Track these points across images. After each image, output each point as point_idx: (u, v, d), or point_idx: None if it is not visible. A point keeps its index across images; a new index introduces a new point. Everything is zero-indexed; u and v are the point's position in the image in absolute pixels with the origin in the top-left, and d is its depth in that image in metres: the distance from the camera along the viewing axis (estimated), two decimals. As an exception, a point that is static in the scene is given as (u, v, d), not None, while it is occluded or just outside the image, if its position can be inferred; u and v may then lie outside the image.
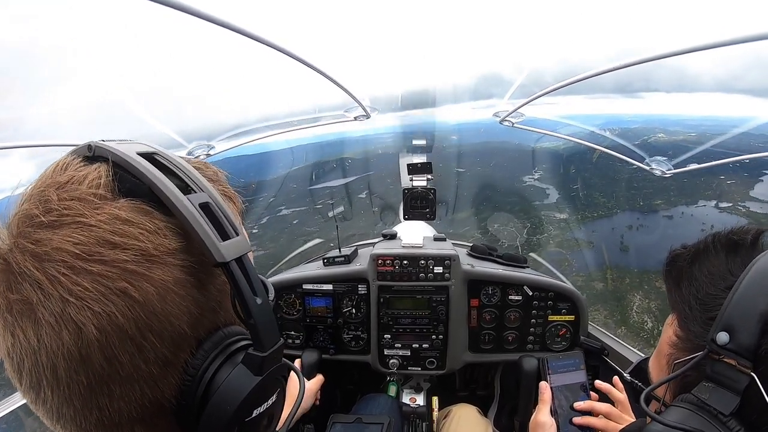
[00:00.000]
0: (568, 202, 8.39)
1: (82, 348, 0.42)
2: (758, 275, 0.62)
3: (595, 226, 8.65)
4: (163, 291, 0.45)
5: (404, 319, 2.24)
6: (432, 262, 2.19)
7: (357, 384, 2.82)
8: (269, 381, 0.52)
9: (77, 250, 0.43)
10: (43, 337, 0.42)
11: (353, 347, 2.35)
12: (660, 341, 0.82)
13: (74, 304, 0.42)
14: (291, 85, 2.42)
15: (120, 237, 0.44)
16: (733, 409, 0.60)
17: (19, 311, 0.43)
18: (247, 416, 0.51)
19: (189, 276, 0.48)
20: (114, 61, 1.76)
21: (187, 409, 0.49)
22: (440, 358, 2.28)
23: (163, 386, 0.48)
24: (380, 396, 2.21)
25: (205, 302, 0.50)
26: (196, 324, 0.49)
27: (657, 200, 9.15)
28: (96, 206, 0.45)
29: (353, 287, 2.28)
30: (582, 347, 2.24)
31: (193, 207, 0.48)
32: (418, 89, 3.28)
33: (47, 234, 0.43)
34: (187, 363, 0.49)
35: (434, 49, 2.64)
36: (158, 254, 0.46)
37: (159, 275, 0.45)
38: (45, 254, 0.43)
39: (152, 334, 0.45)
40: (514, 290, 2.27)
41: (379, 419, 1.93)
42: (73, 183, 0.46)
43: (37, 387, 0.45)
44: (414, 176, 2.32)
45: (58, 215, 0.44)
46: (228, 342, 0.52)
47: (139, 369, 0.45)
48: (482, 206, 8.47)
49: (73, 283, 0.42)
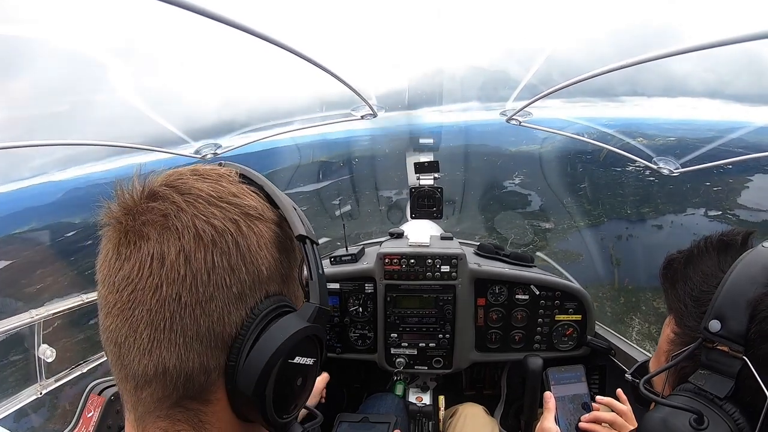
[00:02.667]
0: (551, 209, 7.91)
1: (194, 247, 0.54)
2: (746, 267, 0.66)
3: (585, 235, 7.88)
4: (259, 238, 0.60)
5: (411, 318, 2.24)
6: (439, 261, 2.19)
7: (363, 383, 2.82)
8: (315, 331, 0.62)
9: (213, 192, 0.58)
10: (164, 236, 0.54)
11: (360, 346, 2.35)
12: (659, 341, 0.84)
13: (201, 218, 0.55)
14: (298, 83, 2.42)
15: (243, 194, 0.61)
16: (728, 392, 0.63)
17: (152, 219, 0.55)
18: (289, 358, 0.59)
19: (277, 241, 0.63)
20: (122, 60, 1.77)
21: (240, 342, 0.57)
22: (447, 358, 2.28)
23: (233, 309, 0.57)
24: (387, 395, 2.21)
25: (280, 266, 0.63)
26: (270, 277, 0.61)
27: (645, 208, 8.70)
28: (230, 180, 0.63)
29: (360, 286, 2.28)
30: (589, 347, 2.24)
31: (288, 202, 0.66)
32: (425, 87, 3.28)
33: (192, 181, 0.59)
34: (256, 305, 0.59)
35: (440, 47, 2.64)
36: (264, 216, 0.62)
37: (261, 227, 0.61)
38: (187, 190, 0.57)
39: (243, 262, 0.57)
40: (521, 289, 2.26)
41: (385, 418, 1.93)
42: (214, 168, 0.64)
43: (134, 275, 0.54)
44: (421, 175, 2.32)
45: (203, 176, 0.61)
46: (286, 304, 0.63)
47: (224, 282, 0.56)
48: (488, 206, 8.10)
49: (204, 208, 0.56)
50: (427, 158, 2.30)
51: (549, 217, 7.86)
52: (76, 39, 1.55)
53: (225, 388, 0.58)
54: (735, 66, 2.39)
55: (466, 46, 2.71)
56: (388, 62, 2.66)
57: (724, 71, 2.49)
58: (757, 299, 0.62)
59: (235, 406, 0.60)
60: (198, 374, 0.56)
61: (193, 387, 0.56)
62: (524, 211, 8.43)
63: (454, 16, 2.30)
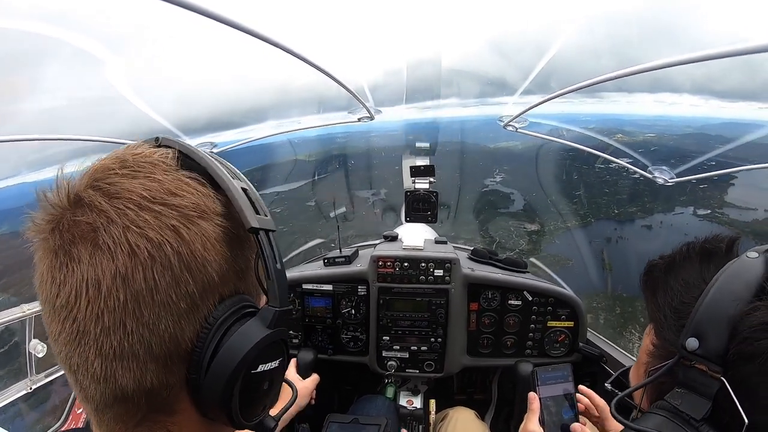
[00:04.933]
0: (532, 211, 7.75)
1: (130, 267, 0.49)
2: (727, 281, 0.63)
3: (573, 237, 7.26)
4: (204, 239, 0.54)
5: (403, 321, 2.24)
6: (432, 264, 2.19)
7: (354, 385, 2.82)
8: (277, 338, 0.59)
9: (145, 193, 0.51)
10: (97, 256, 0.49)
11: (351, 348, 2.34)
12: (639, 350, 0.82)
13: (134, 231, 0.49)
14: (296, 84, 2.42)
15: (180, 191, 0.54)
16: (704, 414, 0.61)
17: (80, 234, 0.50)
18: (253, 368, 0.56)
19: (226, 237, 0.57)
20: (117, 56, 1.76)
21: (200, 356, 0.54)
22: (438, 361, 2.28)
23: (185, 324, 0.53)
24: (377, 397, 2.20)
25: (233, 265, 0.58)
26: (223, 279, 0.56)
27: (632, 207, 8.43)
28: (164, 170, 0.55)
29: (353, 288, 2.28)
30: (581, 353, 2.24)
31: (237, 187, 0.58)
32: (422, 88, 3.28)
33: (121, 180, 0.52)
34: (209, 312, 0.55)
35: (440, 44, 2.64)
36: (207, 211, 0.55)
37: (204, 226, 0.54)
38: (116, 193, 0.51)
39: (189, 272, 0.52)
40: (514, 295, 2.26)
41: (375, 420, 1.93)
42: (146, 154, 0.56)
43: (73, 302, 0.50)
44: (416, 178, 2.32)
45: (132, 170, 0.53)
46: (244, 304, 0.59)
47: (170, 299, 0.51)
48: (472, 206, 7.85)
49: (137, 215, 0.50)
50: (423, 162, 2.30)
51: (534, 218, 7.67)
52: (72, 34, 1.54)
53: (190, 398, 0.57)
54: (726, 62, 2.39)
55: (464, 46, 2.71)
56: (385, 60, 2.66)
57: (715, 68, 2.48)
58: (737, 317, 0.59)
59: (202, 412, 0.58)
60: (159, 391, 0.54)
61: (157, 402, 0.55)
62: (507, 211, 8.19)
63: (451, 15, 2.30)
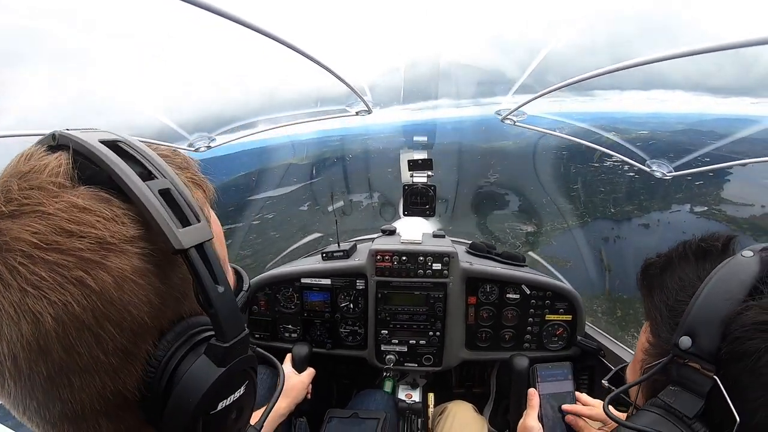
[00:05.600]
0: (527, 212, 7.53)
1: (41, 338, 0.42)
2: (721, 280, 0.63)
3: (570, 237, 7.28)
4: (121, 280, 0.44)
5: (402, 315, 2.24)
6: (431, 258, 2.19)
7: (353, 379, 2.83)
8: (234, 372, 0.51)
9: (35, 239, 0.42)
10: (3, 328, 0.42)
11: (350, 342, 2.35)
12: (636, 348, 0.83)
13: (32, 294, 0.41)
14: (293, 78, 2.41)
15: (76, 225, 0.43)
16: (697, 411, 0.62)
17: None
18: (211, 409, 0.50)
19: (148, 264, 0.47)
20: (115, 52, 1.75)
21: (152, 401, 0.48)
22: (437, 355, 2.28)
23: (125, 377, 0.47)
24: (376, 392, 2.21)
25: (167, 291, 0.49)
26: (157, 314, 0.48)
27: (629, 206, 8.23)
28: (54, 194, 0.44)
29: (351, 282, 2.28)
30: (579, 347, 2.25)
31: (151, 193, 0.47)
32: (421, 84, 3.27)
33: (7, 224, 0.43)
34: (150, 354, 0.48)
35: (437, 43, 2.63)
36: (115, 242, 0.45)
37: (116, 263, 0.44)
38: (4, 244, 0.42)
39: (110, 323, 0.44)
40: (512, 289, 2.26)
41: (375, 414, 1.94)
42: (35, 172, 0.46)
43: (0, 378, 0.45)
44: (414, 172, 2.31)
45: (18, 205, 0.43)
46: (192, 332, 0.51)
47: (98, 360, 0.44)
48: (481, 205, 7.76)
49: (31, 273, 0.41)
50: (421, 156, 2.29)
51: (530, 219, 7.55)
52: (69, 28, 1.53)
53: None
54: (719, 58, 2.38)
55: (461, 44, 2.70)
56: (383, 58, 2.65)
57: (709, 64, 2.47)
58: (730, 316, 0.60)
59: None
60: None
61: None
62: (502, 212, 8.07)
63: (449, 13, 2.29)
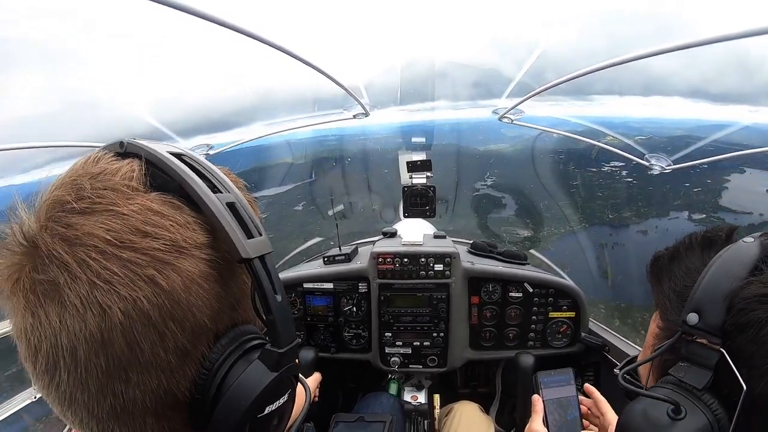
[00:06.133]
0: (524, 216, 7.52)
1: (105, 331, 0.43)
2: (725, 262, 0.68)
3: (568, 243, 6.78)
4: (189, 282, 0.47)
5: (405, 317, 2.24)
6: (432, 259, 2.19)
7: (358, 383, 2.82)
8: (284, 378, 0.53)
9: (109, 236, 0.44)
10: (66, 319, 0.43)
11: (354, 346, 2.34)
12: (647, 336, 0.86)
13: (101, 288, 0.43)
14: (290, 83, 2.41)
15: (151, 227, 0.45)
16: (706, 383, 0.65)
17: (43, 292, 0.43)
18: (259, 413, 0.51)
19: (213, 270, 0.49)
20: (112, 60, 1.75)
21: (201, 402, 0.50)
22: (441, 356, 2.28)
23: (180, 377, 0.48)
24: (382, 394, 2.21)
25: (226, 298, 0.51)
26: (215, 318, 0.50)
27: (627, 212, 8.19)
28: (129, 197, 0.46)
29: (354, 285, 2.28)
30: (583, 344, 2.24)
31: (221, 205, 0.50)
32: (417, 85, 3.27)
33: (79, 219, 0.44)
34: (204, 356, 0.50)
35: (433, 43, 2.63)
36: (187, 246, 0.47)
37: (186, 266, 0.47)
38: (76, 238, 0.43)
39: (174, 322, 0.46)
40: (515, 287, 2.26)
41: (381, 417, 1.93)
42: (107, 174, 0.48)
43: (52, 370, 0.45)
44: (413, 174, 2.31)
45: (91, 203, 0.45)
46: (244, 339, 0.53)
47: (158, 357, 0.46)
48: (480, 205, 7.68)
49: (103, 268, 0.43)
50: (420, 157, 2.29)
51: (527, 224, 7.49)
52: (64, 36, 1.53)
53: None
54: (720, 64, 2.38)
55: (457, 44, 2.70)
56: (379, 59, 2.65)
57: (708, 69, 2.47)
58: (733, 292, 0.64)
59: None
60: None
61: None
62: (499, 216, 7.98)
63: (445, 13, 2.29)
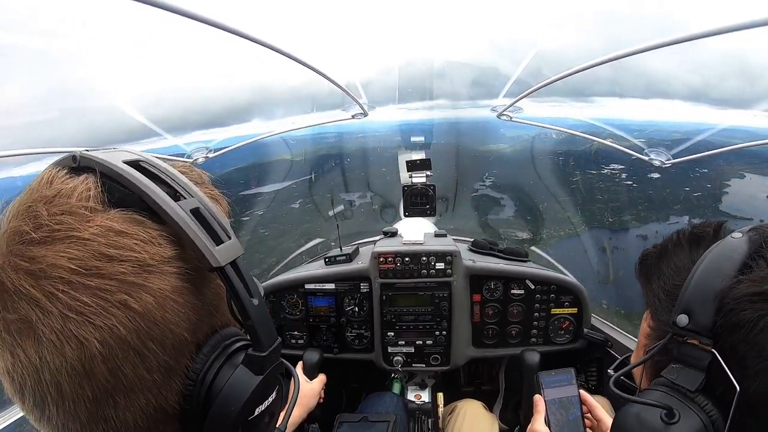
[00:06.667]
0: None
1: (86, 362, 0.42)
2: (713, 260, 0.66)
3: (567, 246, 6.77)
4: (162, 299, 0.45)
5: (407, 316, 2.24)
6: (433, 258, 2.19)
7: (361, 382, 2.82)
8: (269, 379, 0.53)
9: (73, 265, 0.42)
10: (45, 355, 0.42)
11: (357, 346, 2.35)
12: (638, 335, 0.85)
13: (75, 320, 0.41)
14: (289, 84, 2.41)
15: (115, 249, 0.44)
16: (698, 385, 0.64)
17: (17, 330, 0.42)
18: (249, 415, 0.51)
19: (185, 282, 0.48)
20: (114, 67, 1.75)
21: (191, 412, 0.50)
22: (444, 354, 2.28)
23: (167, 392, 0.48)
24: (385, 394, 2.21)
25: (202, 307, 0.50)
26: (194, 329, 0.49)
27: (627, 216, 8.08)
28: (88, 219, 0.44)
29: (355, 286, 2.28)
30: (586, 339, 2.25)
31: (184, 213, 0.48)
32: (416, 83, 3.28)
33: (41, 250, 0.42)
34: (188, 368, 0.49)
35: (432, 43, 2.64)
36: (155, 263, 0.46)
37: (157, 284, 0.45)
38: (40, 271, 0.42)
39: (154, 342, 0.45)
40: (516, 284, 2.26)
41: (385, 417, 1.93)
42: (62, 197, 0.45)
43: (41, 405, 0.45)
44: (413, 173, 2.31)
45: (50, 231, 0.43)
46: (226, 344, 0.52)
47: (142, 378, 0.45)
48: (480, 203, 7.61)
49: (72, 299, 0.41)
50: (419, 156, 2.29)
51: (526, 226, 7.43)
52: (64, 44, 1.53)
53: None
54: (722, 68, 2.38)
55: (456, 42, 2.71)
56: (377, 57, 2.65)
57: (711, 75, 2.47)
58: (723, 291, 0.62)
59: None
60: None
61: None
62: (497, 217, 7.92)
63: (443, 12, 2.30)
